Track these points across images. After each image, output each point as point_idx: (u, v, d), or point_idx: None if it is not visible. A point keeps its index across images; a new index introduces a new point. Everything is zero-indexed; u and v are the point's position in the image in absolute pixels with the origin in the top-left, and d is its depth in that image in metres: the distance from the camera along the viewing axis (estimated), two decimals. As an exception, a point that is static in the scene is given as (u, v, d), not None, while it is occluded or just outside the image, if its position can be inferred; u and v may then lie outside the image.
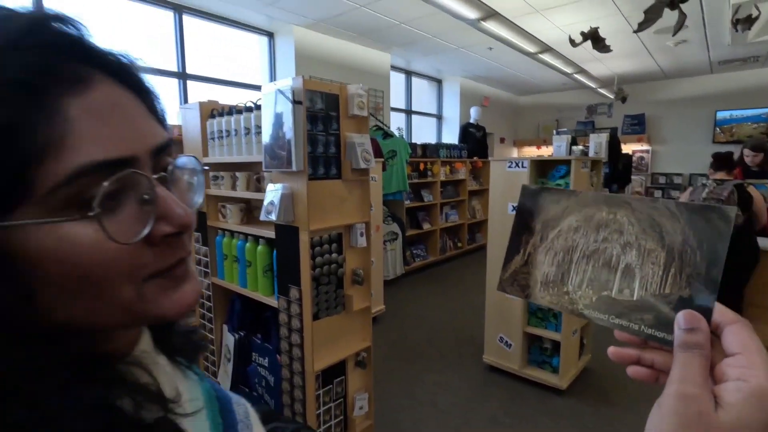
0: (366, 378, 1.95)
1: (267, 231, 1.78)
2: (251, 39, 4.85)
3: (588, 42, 3.05)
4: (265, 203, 1.65)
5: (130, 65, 0.35)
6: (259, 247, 1.85)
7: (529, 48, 4.12)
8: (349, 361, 1.88)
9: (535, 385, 2.72)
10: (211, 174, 2.08)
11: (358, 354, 1.90)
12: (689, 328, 0.31)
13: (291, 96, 1.49)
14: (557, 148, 4.79)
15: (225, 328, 2.23)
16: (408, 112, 6.86)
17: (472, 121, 7.01)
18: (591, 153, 4.53)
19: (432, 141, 6.80)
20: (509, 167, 2.75)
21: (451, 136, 7.40)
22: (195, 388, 0.43)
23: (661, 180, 7.66)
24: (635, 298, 0.34)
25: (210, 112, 2.12)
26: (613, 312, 0.35)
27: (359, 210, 1.81)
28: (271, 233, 1.74)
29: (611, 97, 7.13)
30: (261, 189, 1.87)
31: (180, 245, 0.34)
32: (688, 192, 3.20)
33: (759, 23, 3.17)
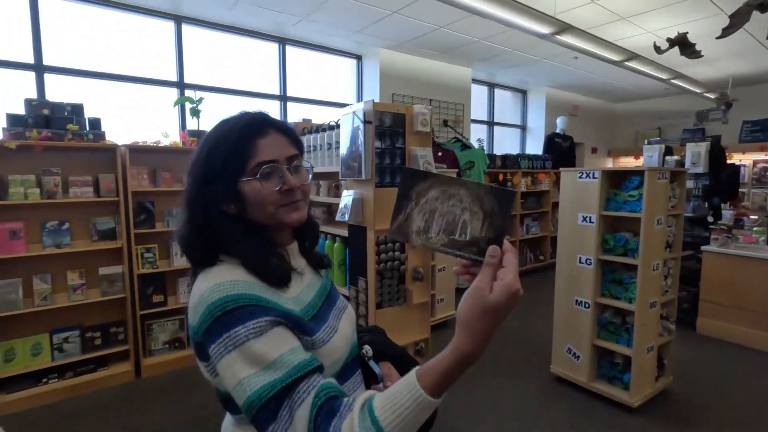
0: (424, 367, 2.15)
1: (342, 230, 2.10)
2: (342, 62, 5.38)
3: (676, 48, 2.92)
4: (340, 206, 1.97)
5: (284, 125, 0.80)
6: (336, 244, 2.17)
7: (613, 57, 3.99)
8: (409, 350, 2.10)
9: (604, 400, 2.66)
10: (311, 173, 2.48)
11: (417, 343, 2.11)
12: (491, 255, 0.56)
13: (362, 117, 1.79)
14: (648, 158, 4.53)
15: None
16: (490, 123, 6.90)
17: (558, 131, 6.82)
18: (687, 164, 4.20)
19: (515, 152, 6.74)
20: (580, 178, 2.76)
21: (536, 146, 7.25)
22: (315, 276, 0.87)
23: (792, 194, 6.60)
24: (468, 239, 0.58)
25: (301, 130, 2.53)
26: (456, 247, 0.59)
27: (421, 214, 2.05)
28: (346, 232, 2.05)
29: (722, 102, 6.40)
30: (338, 195, 2.20)
31: (293, 195, 0.76)
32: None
33: None
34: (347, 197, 1.91)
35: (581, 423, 2.45)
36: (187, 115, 3.61)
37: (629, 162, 8.46)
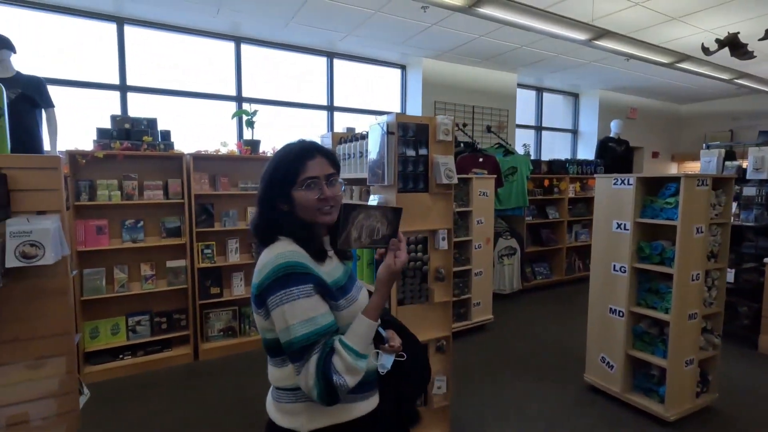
0: (445, 363, 2.26)
1: (370, 232, 2.28)
2: (387, 72, 5.61)
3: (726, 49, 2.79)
4: (368, 210, 2.15)
5: (327, 151, 1.08)
6: (365, 245, 2.36)
7: (662, 59, 3.83)
8: (431, 346, 2.23)
9: (638, 412, 2.60)
10: (344, 187, 2.70)
11: (438, 340, 2.23)
12: (392, 244, 1.05)
13: (386, 128, 1.97)
14: (705, 163, 4.29)
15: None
16: (537, 128, 6.79)
17: (612, 135, 6.55)
18: (750, 170, 3.91)
19: (566, 157, 6.58)
20: (615, 184, 2.74)
21: (588, 151, 7.01)
22: (340, 263, 1.12)
23: None
24: (380, 237, 1.04)
25: (339, 139, 2.75)
26: (376, 243, 1.04)
27: (443, 218, 2.17)
28: (373, 233, 2.23)
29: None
30: (368, 200, 2.38)
31: (327, 203, 1.03)
32: None
33: None
34: (373, 201, 2.09)
35: (610, 432, 2.43)
36: (243, 127, 3.99)
37: (697, 166, 7.88)
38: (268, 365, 1.08)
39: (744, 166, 4.08)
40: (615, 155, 6.47)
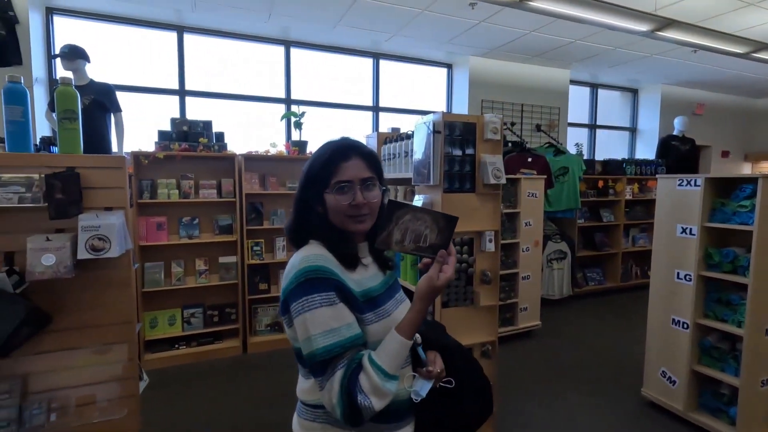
0: (491, 368, 2.19)
1: (414, 232, 2.26)
2: (434, 71, 5.55)
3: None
4: (412, 210, 2.13)
5: (366, 152, 0.99)
6: (409, 245, 2.34)
7: (736, 49, 3.50)
8: (475, 350, 2.17)
9: (703, 433, 2.39)
10: (382, 193, 2.70)
11: (483, 345, 2.17)
12: (440, 255, 0.90)
13: (432, 127, 1.94)
14: (786, 163, 3.86)
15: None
16: (592, 126, 6.45)
17: (675, 133, 6.10)
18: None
19: (623, 157, 6.20)
20: (679, 185, 2.54)
21: (648, 150, 6.57)
22: (379, 272, 1.04)
23: None
24: (428, 244, 0.91)
25: (384, 139, 2.75)
26: (421, 251, 0.91)
27: (490, 219, 2.11)
28: (417, 234, 2.21)
29: None
30: (412, 200, 2.36)
31: (359, 210, 0.94)
32: None
33: None
34: (417, 201, 2.06)
35: (671, 452, 2.25)
36: (292, 128, 4.10)
37: (774, 167, 7.17)
38: (298, 375, 1.03)
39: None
40: (678, 154, 6.01)
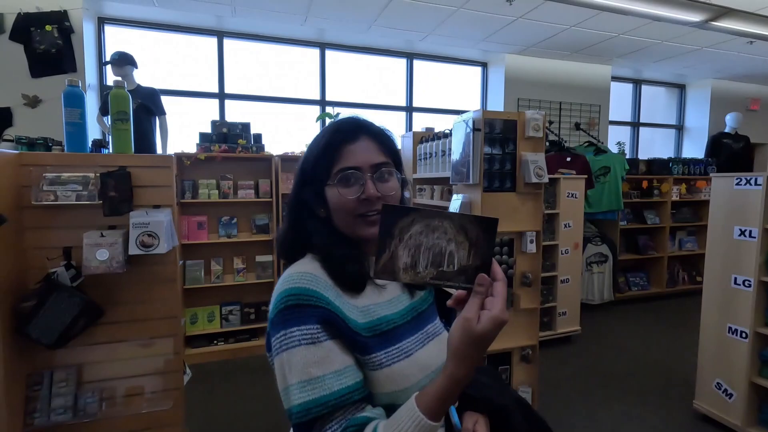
0: (531, 373, 2.12)
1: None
2: (467, 71, 5.47)
3: None
4: (450, 210, 2.09)
5: (378, 131, 0.77)
6: (446, 245, 2.30)
7: (800, 37, 3.24)
8: (515, 355, 2.11)
9: (764, 451, 2.22)
10: (417, 187, 2.67)
11: (523, 349, 2.10)
12: (479, 283, 0.56)
13: (472, 125, 1.90)
14: None
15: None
16: (634, 124, 6.17)
17: (727, 131, 5.74)
18: None
19: (669, 155, 5.90)
20: (737, 185, 2.38)
21: (697, 149, 6.21)
22: (404, 294, 0.80)
23: None
24: (456, 268, 0.58)
25: (420, 138, 2.73)
26: (446, 279, 0.58)
27: (531, 219, 2.04)
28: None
29: None
30: (450, 199, 2.32)
31: (370, 206, 0.72)
32: None
33: None
34: (456, 201, 2.03)
35: (728, 471, 2.10)
36: (326, 129, 4.14)
37: (840, 166, 6.61)
38: None
39: None
40: (731, 153, 5.65)
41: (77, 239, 1.42)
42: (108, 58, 3.59)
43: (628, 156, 5.54)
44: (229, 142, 3.45)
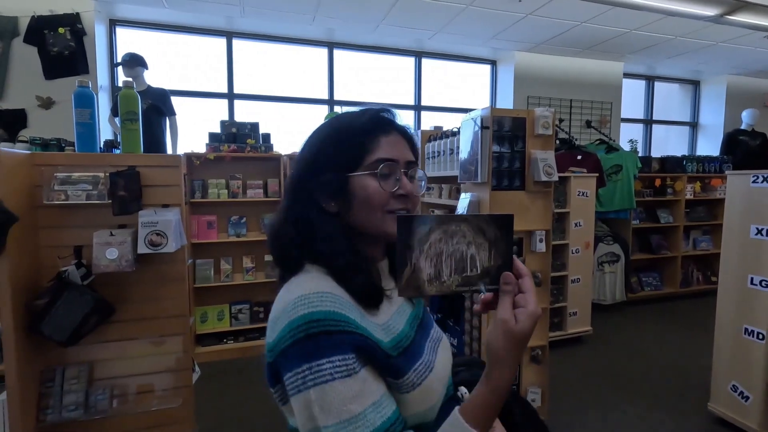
0: (540, 374, 2.10)
1: (460, 231, 2.20)
2: (476, 69, 5.43)
3: None
4: (458, 208, 2.07)
5: (408, 130, 0.74)
6: (454, 245, 2.28)
7: (820, 31, 3.15)
8: (525, 355, 2.08)
9: (782, 456, 2.16)
10: (425, 185, 2.66)
11: (533, 349, 2.08)
12: (505, 282, 0.56)
13: (480, 123, 1.88)
14: None
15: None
16: (647, 121, 6.07)
17: (743, 127, 5.62)
18: None
19: (683, 153, 5.80)
20: (754, 182, 2.32)
21: (712, 146, 6.10)
22: (405, 302, 0.76)
23: None
24: (479, 271, 0.57)
25: (428, 137, 2.71)
26: (471, 284, 0.57)
27: (540, 218, 2.02)
28: (463, 233, 2.15)
29: None
30: (458, 198, 2.30)
31: (405, 202, 0.69)
32: None
33: None
34: (464, 199, 2.01)
35: (744, 475, 2.06)
36: (335, 128, 4.14)
37: None
38: None
39: None
40: (747, 150, 5.53)
41: (88, 238, 1.44)
42: (119, 59, 3.64)
43: (640, 154, 5.46)
44: (238, 141, 3.47)
